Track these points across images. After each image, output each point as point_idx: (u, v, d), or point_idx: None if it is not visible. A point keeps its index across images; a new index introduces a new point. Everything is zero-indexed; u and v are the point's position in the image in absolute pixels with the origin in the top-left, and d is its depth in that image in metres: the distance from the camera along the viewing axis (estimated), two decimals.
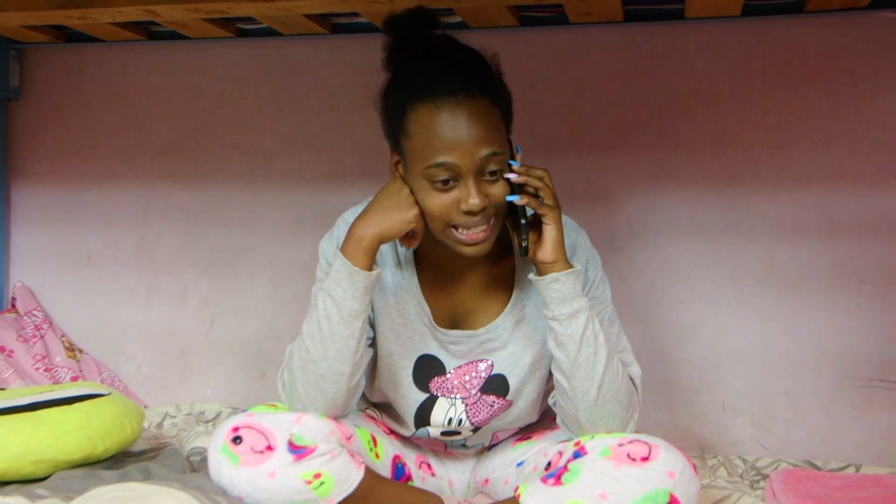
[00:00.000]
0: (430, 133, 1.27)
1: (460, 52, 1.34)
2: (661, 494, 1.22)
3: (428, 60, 1.32)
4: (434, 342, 1.45)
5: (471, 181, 1.27)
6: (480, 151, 1.26)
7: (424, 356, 1.46)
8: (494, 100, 1.30)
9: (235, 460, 1.27)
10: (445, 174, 1.27)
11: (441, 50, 1.34)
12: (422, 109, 1.28)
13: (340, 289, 1.32)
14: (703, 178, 1.98)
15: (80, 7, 1.78)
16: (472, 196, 1.27)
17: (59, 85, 2.38)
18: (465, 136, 1.25)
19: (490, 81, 1.32)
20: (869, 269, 1.90)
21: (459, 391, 1.46)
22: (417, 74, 1.31)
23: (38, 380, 2.20)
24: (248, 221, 2.25)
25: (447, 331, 1.45)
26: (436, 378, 1.47)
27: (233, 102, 2.26)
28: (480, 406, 1.47)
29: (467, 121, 1.26)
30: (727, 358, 1.98)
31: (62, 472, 1.53)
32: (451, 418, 1.48)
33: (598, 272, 1.45)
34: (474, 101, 1.27)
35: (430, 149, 1.27)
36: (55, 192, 2.39)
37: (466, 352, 1.45)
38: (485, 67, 1.34)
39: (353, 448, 1.36)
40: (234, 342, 2.27)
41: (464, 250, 1.32)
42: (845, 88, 1.91)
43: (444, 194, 1.29)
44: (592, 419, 1.34)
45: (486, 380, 1.46)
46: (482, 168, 1.28)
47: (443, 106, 1.26)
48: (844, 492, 1.59)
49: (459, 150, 1.25)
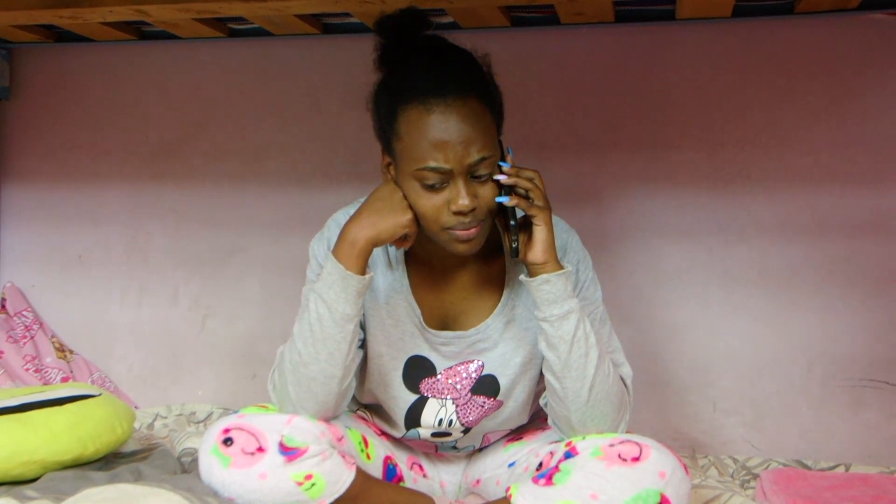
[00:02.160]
0: (420, 135, 1.27)
1: (451, 52, 1.34)
2: (651, 494, 1.23)
3: (418, 62, 1.31)
4: (424, 343, 1.45)
5: (461, 182, 1.27)
6: (470, 153, 1.26)
7: (415, 357, 1.46)
8: (485, 101, 1.30)
9: (226, 462, 1.27)
10: (436, 176, 1.27)
11: (432, 51, 1.33)
12: (412, 111, 1.27)
13: (332, 292, 1.32)
14: (694, 178, 1.98)
15: (70, 6, 1.77)
16: (461, 197, 1.27)
17: (50, 85, 2.37)
18: (455, 138, 1.25)
19: (481, 82, 1.32)
20: (859, 269, 1.91)
21: (450, 392, 1.46)
22: (408, 76, 1.30)
23: (29, 381, 2.20)
24: (240, 222, 2.25)
25: (437, 332, 1.45)
26: (426, 379, 1.46)
27: (224, 102, 2.26)
28: (471, 407, 1.47)
29: (457, 123, 1.26)
30: (718, 358, 1.99)
31: (52, 473, 1.53)
32: (441, 419, 1.48)
33: (588, 272, 1.45)
34: (464, 102, 1.27)
35: (421, 151, 1.27)
36: (45, 193, 2.38)
37: (457, 352, 1.45)
38: (475, 68, 1.34)
39: (344, 449, 1.36)
40: (226, 343, 2.27)
41: (458, 248, 1.32)
42: (835, 89, 1.91)
43: (434, 195, 1.29)
44: (584, 420, 1.34)
45: (477, 380, 1.46)
46: (472, 170, 1.28)
47: (433, 108, 1.26)
48: (834, 491, 1.59)
49: (449, 152, 1.26)
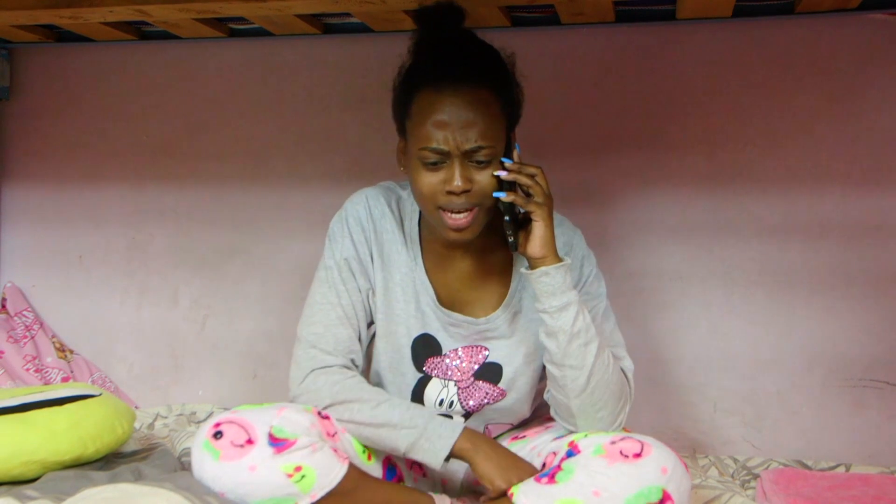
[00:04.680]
0: (426, 116, 1.32)
1: (476, 46, 1.39)
2: (653, 490, 1.23)
3: (444, 51, 1.37)
4: (435, 321, 1.47)
5: (457, 163, 1.32)
6: (468, 138, 1.31)
7: (423, 335, 1.48)
8: (498, 94, 1.35)
9: (216, 455, 1.27)
10: (435, 156, 1.32)
11: (458, 43, 1.38)
12: (425, 94, 1.33)
13: (414, 443, 1.36)
14: (695, 178, 1.98)
15: (70, 6, 1.77)
16: (455, 178, 1.31)
17: (50, 85, 2.37)
18: (456, 120, 1.30)
19: (498, 76, 1.37)
20: (859, 269, 1.91)
21: (453, 373, 1.48)
22: (429, 62, 1.36)
23: (29, 380, 2.20)
24: (240, 222, 2.25)
25: (450, 312, 1.47)
26: (431, 358, 1.48)
27: (224, 103, 2.26)
28: (473, 391, 1.49)
29: (462, 107, 1.30)
30: (718, 358, 1.99)
31: (53, 473, 1.53)
32: (442, 399, 1.49)
33: (592, 269, 1.49)
34: (475, 91, 1.32)
35: (425, 131, 1.32)
36: (46, 193, 2.38)
37: (465, 336, 1.48)
38: (496, 63, 1.39)
39: (337, 446, 1.36)
40: (226, 343, 2.27)
41: (449, 234, 1.36)
42: (836, 89, 1.91)
43: (432, 174, 1.34)
44: (583, 407, 1.37)
45: (482, 365, 1.48)
46: (470, 155, 1.32)
47: (444, 91, 1.31)
48: (834, 491, 1.59)
49: (448, 134, 1.30)
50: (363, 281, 1.47)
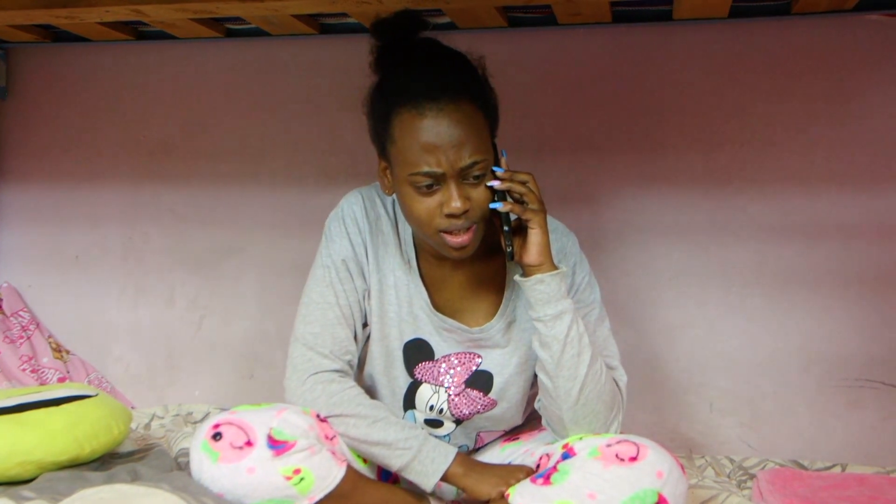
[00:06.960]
0: (412, 140, 1.28)
1: (445, 56, 1.35)
2: (649, 494, 1.23)
3: (412, 65, 1.32)
4: (429, 325, 1.46)
5: (453, 185, 1.29)
6: (462, 157, 1.27)
7: (416, 340, 1.47)
8: (479, 104, 1.31)
9: (215, 457, 1.26)
10: (428, 180, 1.29)
11: (426, 54, 1.34)
12: (405, 116, 1.29)
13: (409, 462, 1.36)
14: (691, 179, 1.98)
15: (67, 6, 1.77)
16: (454, 200, 1.29)
17: (47, 85, 2.36)
18: (447, 141, 1.27)
19: (475, 86, 1.33)
20: (855, 269, 1.91)
21: (444, 378, 1.47)
22: (402, 80, 1.31)
23: (25, 381, 2.19)
24: (237, 222, 2.25)
25: (444, 317, 1.46)
26: (423, 363, 1.47)
27: (221, 103, 2.25)
28: (463, 399, 1.48)
29: (449, 126, 1.27)
30: (715, 358, 1.99)
31: (49, 473, 1.52)
32: (432, 405, 1.49)
33: (585, 275, 1.47)
34: (457, 106, 1.28)
35: (413, 155, 1.28)
36: (42, 193, 2.38)
37: (459, 341, 1.47)
38: (470, 71, 1.34)
39: (335, 448, 1.36)
40: (223, 343, 2.27)
41: (452, 254, 1.35)
42: (832, 90, 1.92)
43: (427, 198, 1.31)
44: (575, 418, 1.36)
45: (473, 373, 1.47)
46: (464, 173, 1.29)
47: (426, 112, 1.27)
48: (831, 491, 1.59)
49: (441, 155, 1.27)
50: (360, 282, 1.46)
